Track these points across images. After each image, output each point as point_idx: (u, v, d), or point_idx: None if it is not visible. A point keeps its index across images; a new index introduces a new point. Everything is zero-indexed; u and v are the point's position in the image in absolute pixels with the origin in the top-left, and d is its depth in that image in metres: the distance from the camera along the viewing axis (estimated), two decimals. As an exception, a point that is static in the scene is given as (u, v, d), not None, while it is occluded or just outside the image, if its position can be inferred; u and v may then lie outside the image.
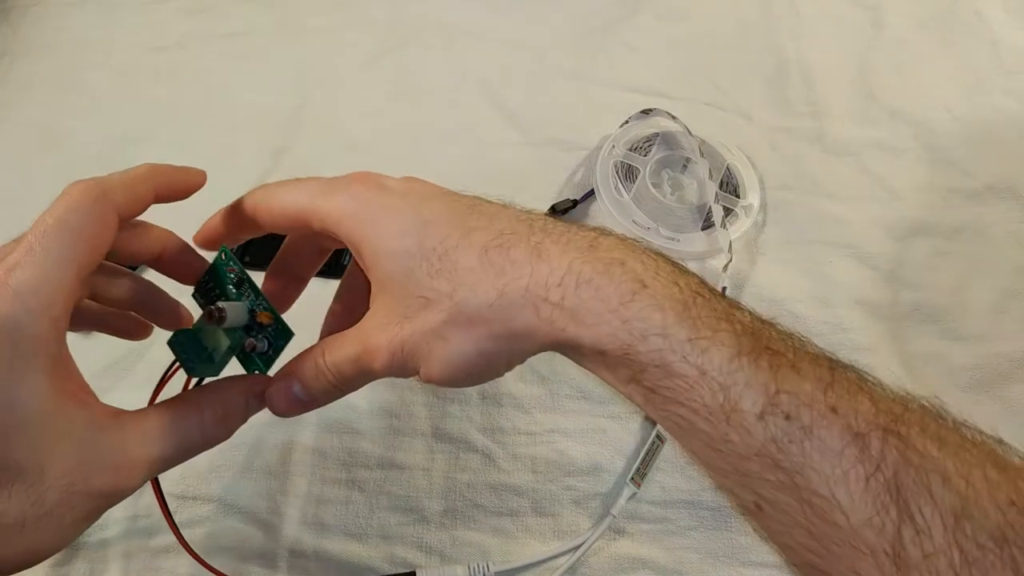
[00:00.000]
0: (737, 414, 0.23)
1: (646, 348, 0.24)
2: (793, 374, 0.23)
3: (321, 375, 0.28)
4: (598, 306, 0.25)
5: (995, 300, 0.50)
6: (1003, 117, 0.59)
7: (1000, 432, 0.46)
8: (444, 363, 0.26)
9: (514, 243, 0.26)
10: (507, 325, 0.25)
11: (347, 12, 0.66)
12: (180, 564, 0.41)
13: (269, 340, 0.29)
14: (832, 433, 0.22)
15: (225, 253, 0.31)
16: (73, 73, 0.61)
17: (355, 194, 0.28)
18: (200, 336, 0.29)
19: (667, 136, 0.57)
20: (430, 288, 0.26)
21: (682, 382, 0.24)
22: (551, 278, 0.25)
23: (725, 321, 0.25)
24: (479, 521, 0.42)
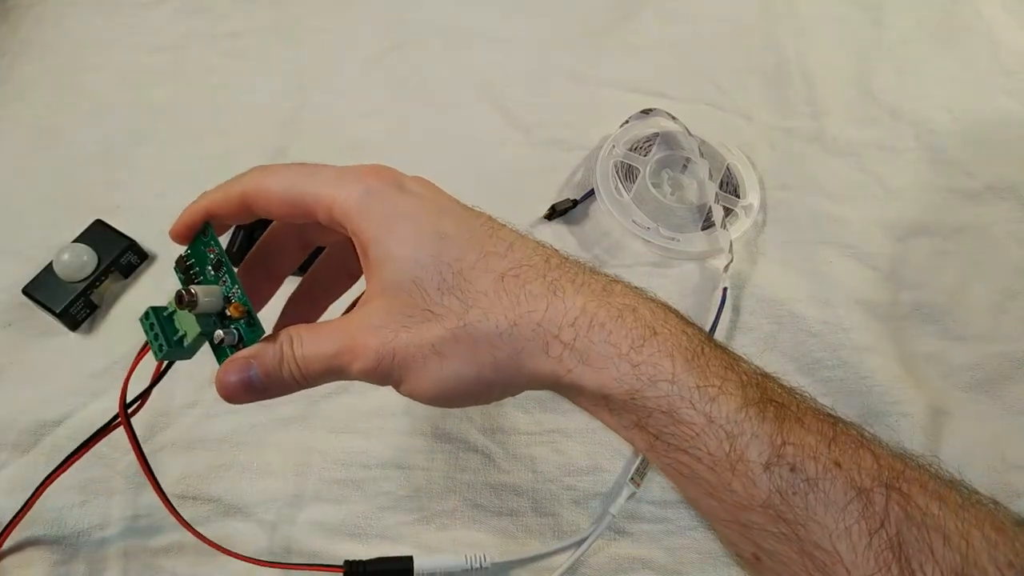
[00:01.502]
0: (743, 464, 0.23)
1: (654, 393, 0.24)
2: (798, 426, 0.24)
3: (286, 365, 0.26)
4: (608, 350, 0.25)
5: (995, 300, 0.50)
6: (1003, 117, 0.59)
7: (1001, 432, 0.46)
8: (436, 381, 0.25)
9: (531, 276, 0.26)
10: (514, 357, 0.25)
11: (347, 12, 0.66)
12: (180, 564, 0.41)
13: (240, 333, 0.28)
14: (836, 487, 0.22)
15: (207, 230, 0.29)
16: (73, 73, 0.61)
17: (371, 188, 0.27)
18: (174, 316, 0.28)
19: (667, 136, 0.57)
20: (439, 303, 0.25)
21: (688, 429, 0.24)
22: (565, 317, 0.25)
23: (732, 371, 0.25)
24: (479, 521, 0.42)
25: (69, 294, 0.47)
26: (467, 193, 0.29)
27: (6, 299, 0.49)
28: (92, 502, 0.42)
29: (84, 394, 0.45)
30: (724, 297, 0.48)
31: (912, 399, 0.45)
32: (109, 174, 0.55)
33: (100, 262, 0.48)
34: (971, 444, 0.44)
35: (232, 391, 0.27)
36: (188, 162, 0.56)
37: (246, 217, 0.29)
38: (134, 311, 0.49)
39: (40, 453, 0.43)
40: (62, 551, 0.41)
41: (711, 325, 0.47)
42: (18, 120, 0.59)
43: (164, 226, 0.52)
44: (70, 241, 0.49)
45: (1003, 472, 0.43)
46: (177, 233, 0.30)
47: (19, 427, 0.44)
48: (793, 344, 0.48)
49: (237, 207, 0.29)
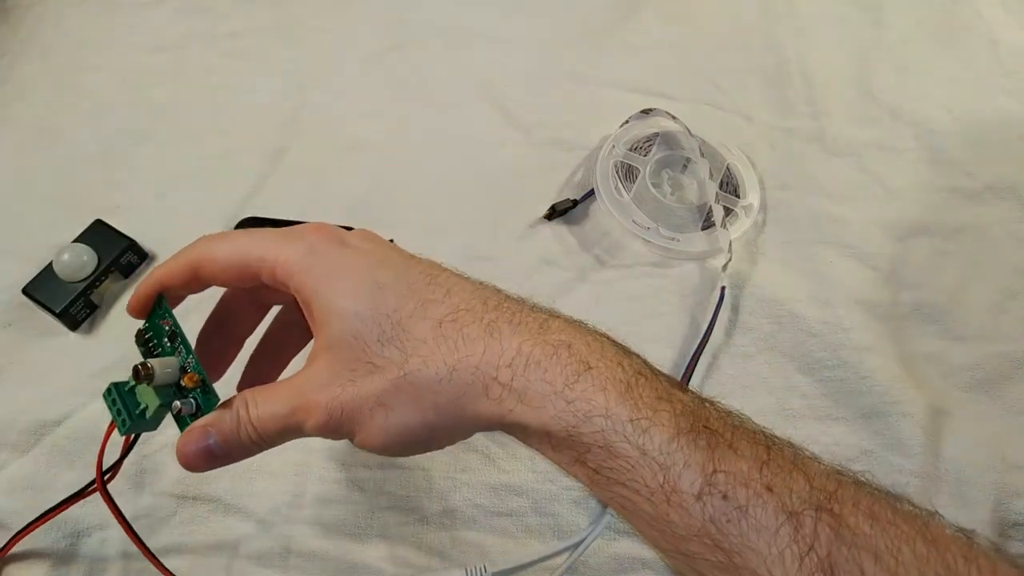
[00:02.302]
0: (677, 495, 0.23)
1: (589, 429, 0.24)
2: (731, 453, 0.24)
3: (243, 429, 0.27)
4: (544, 388, 0.25)
5: (995, 300, 0.50)
6: (1003, 117, 0.59)
7: (1001, 432, 0.46)
8: (384, 432, 0.26)
9: (468, 320, 0.26)
10: (455, 401, 0.26)
11: (347, 12, 0.66)
12: (180, 565, 0.41)
13: (197, 402, 0.29)
14: (767, 512, 0.23)
15: (161, 303, 0.30)
16: (73, 73, 0.61)
17: (312, 246, 0.28)
18: (135, 389, 0.29)
19: (667, 136, 0.57)
20: (379, 355, 0.26)
21: (624, 462, 0.24)
22: (502, 358, 0.26)
23: (666, 401, 0.25)
24: (479, 521, 0.42)
25: (69, 294, 0.47)
26: (467, 193, 0.29)
27: (6, 299, 0.49)
28: (92, 502, 0.42)
29: (84, 394, 0.45)
30: (722, 296, 0.48)
31: (912, 399, 0.45)
32: (109, 174, 0.55)
33: (100, 262, 0.48)
34: (971, 444, 0.44)
35: (193, 461, 0.27)
36: (188, 162, 0.56)
37: (196, 287, 0.30)
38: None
39: (40, 453, 0.44)
40: (62, 551, 0.41)
41: (708, 324, 0.47)
42: (18, 120, 0.59)
43: (164, 226, 0.53)
44: (70, 241, 0.49)
45: (1003, 472, 0.43)
46: (133, 309, 0.31)
47: (19, 427, 0.44)
48: (793, 344, 0.48)
49: (186, 277, 0.29)
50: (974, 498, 0.42)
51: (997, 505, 0.42)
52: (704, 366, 0.47)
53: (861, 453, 0.44)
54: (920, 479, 0.43)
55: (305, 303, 0.27)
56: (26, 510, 0.41)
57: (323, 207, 0.54)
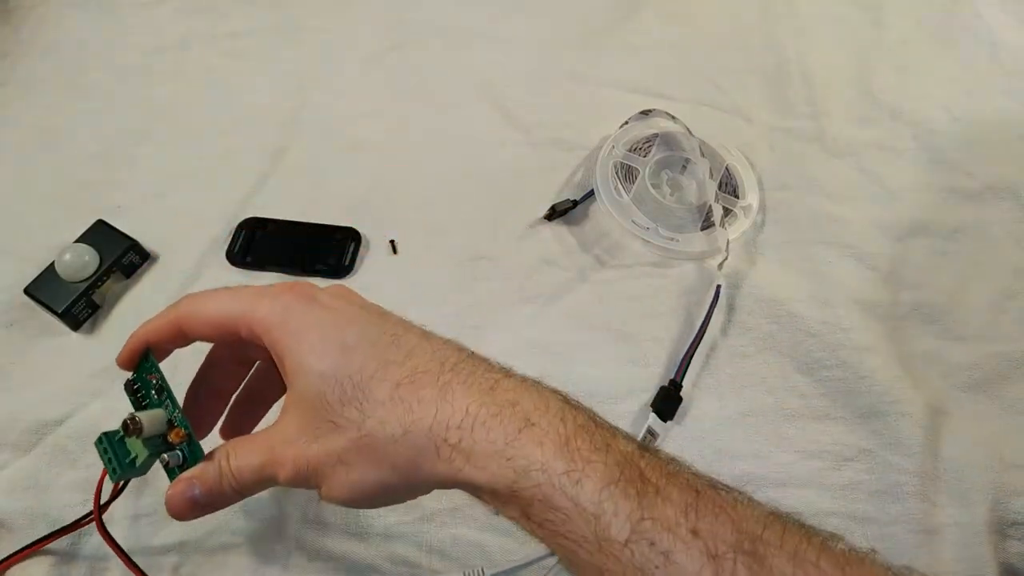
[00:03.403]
0: (607, 543, 0.24)
1: (528, 483, 0.26)
2: (659, 500, 0.25)
3: (224, 479, 0.29)
4: (488, 447, 0.26)
5: (994, 300, 0.50)
6: (1002, 117, 0.59)
7: (999, 432, 0.46)
8: (345, 488, 0.28)
9: (424, 383, 0.28)
10: (410, 461, 0.27)
11: (347, 12, 0.66)
12: (181, 563, 0.41)
13: (183, 455, 0.30)
14: (691, 556, 0.24)
15: (148, 357, 0.32)
16: (74, 74, 0.62)
17: (285, 304, 0.30)
18: (124, 439, 0.31)
19: (667, 137, 0.57)
20: (340, 415, 0.28)
21: (562, 514, 0.25)
22: (452, 419, 0.27)
23: (602, 452, 0.26)
24: (479, 520, 0.42)
25: (71, 294, 0.47)
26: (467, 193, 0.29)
27: (8, 299, 0.49)
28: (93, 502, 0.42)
29: (85, 394, 0.45)
30: (717, 294, 0.48)
31: (911, 399, 0.45)
32: (110, 174, 0.55)
33: (102, 262, 0.48)
34: (970, 444, 0.44)
35: (179, 511, 0.29)
36: (189, 162, 0.56)
37: (181, 342, 0.32)
38: (136, 311, 0.49)
39: (41, 453, 0.44)
40: (63, 551, 0.41)
41: (702, 322, 0.47)
42: (20, 120, 0.59)
43: (165, 226, 0.53)
44: (72, 241, 0.49)
45: (1001, 471, 0.43)
46: (122, 361, 0.32)
47: (20, 426, 0.44)
48: (792, 344, 0.48)
49: (172, 333, 0.31)
50: (972, 497, 0.42)
51: (995, 504, 0.42)
52: (703, 366, 0.47)
53: (860, 452, 0.44)
54: (919, 478, 0.43)
55: (278, 358, 0.29)
56: (27, 510, 0.41)
57: (323, 207, 0.54)
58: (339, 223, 0.53)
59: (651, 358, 0.48)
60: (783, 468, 0.44)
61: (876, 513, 0.42)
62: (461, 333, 0.31)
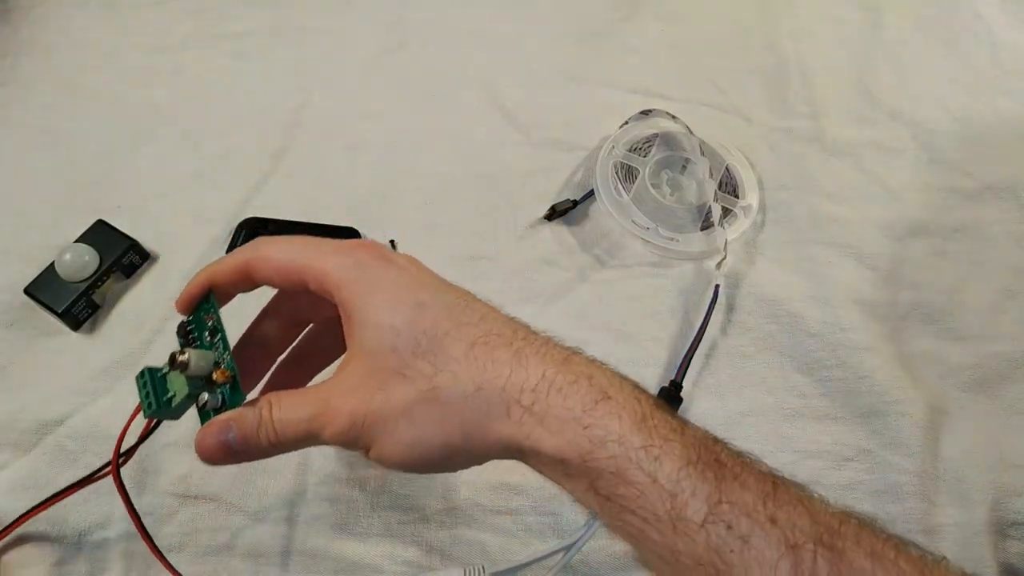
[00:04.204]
0: (682, 522, 0.24)
1: (603, 454, 0.25)
2: (737, 485, 0.25)
3: (263, 428, 0.28)
4: (563, 413, 0.26)
5: (994, 300, 0.50)
6: (1002, 117, 0.59)
7: (999, 432, 0.46)
8: (401, 445, 0.27)
9: (498, 344, 0.27)
10: (477, 421, 0.26)
11: (347, 13, 0.66)
12: (181, 564, 0.41)
13: (223, 397, 0.29)
14: (769, 543, 0.23)
15: (209, 299, 0.31)
16: (74, 74, 0.62)
17: (359, 260, 0.29)
18: (167, 376, 0.30)
19: (667, 137, 0.57)
20: (411, 366, 0.27)
21: (635, 490, 0.25)
22: (527, 382, 0.26)
23: (678, 434, 0.26)
24: (479, 520, 0.42)
25: (71, 294, 0.47)
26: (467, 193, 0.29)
27: (8, 299, 0.49)
28: (94, 501, 0.42)
29: (85, 394, 0.45)
30: (716, 294, 0.48)
31: (911, 399, 0.45)
32: (111, 174, 0.55)
33: (102, 262, 0.48)
34: (969, 444, 0.44)
35: (210, 452, 0.28)
36: (190, 162, 0.56)
37: (246, 286, 0.31)
38: (136, 311, 0.49)
39: (42, 453, 0.44)
40: (63, 550, 0.41)
41: (702, 322, 0.47)
42: (20, 120, 0.59)
43: (165, 226, 0.53)
44: (72, 241, 0.49)
45: (1001, 471, 0.43)
46: (182, 303, 0.32)
47: (20, 427, 0.44)
48: (792, 344, 0.48)
49: (239, 275, 0.30)
50: (972, 497, 0.42)
51: (995, 504, 0.42)
52: (703, 366, 0.47)
53: (860, 452, 0.44)
54: (918, 478, 0.43)
55: (345, 313, 0.28)
56: (27, 509, 0.41)
57: (324, 207, 0.54)
58: (339, 223, 0.53)
59: (651, 358, 0.48)
60: (783, 468, 0.43)
61: (876, 513, 0.42)
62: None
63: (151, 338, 0.48)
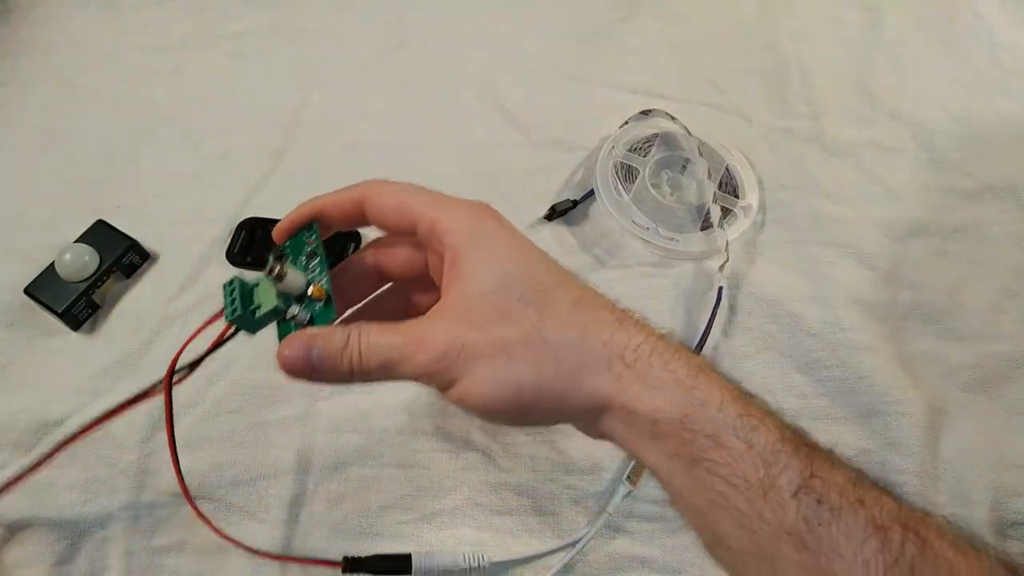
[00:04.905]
0: (774, 491, 0.24)
1: (703, 417, 0.26)
2: (827, 465, 0.25)
3: (348, 351, 0.27)
4: (666, 375, 0.26)
5: (993, 300, 0.50)
6: (1002, 117, 0.59)
7: (998, 432, 0.46)
8: (491, 384, 0.26)
9: (600, 306, 0.28)
10: (576, 370, 0.26)
11: (347, 13, 0.66)
12: (182, 563, 0.41)
13: (312, 315, 0.29)
14: (858, 521, 0.24)
15: (312, 227, 0.31)
16: (74, 74, 0.62)
17: (474, 212, 0.30)
18: (254, 289, 0.30)
19: (666, 137, 0.57)
20: (516, 310, 0.27)
21: (728, 454, 0.25)
22: (631, 342, 0.27)
23: (771, 413, 0.27)
24: (479, 520, 0.42)
25: (71, 294, 0.47)
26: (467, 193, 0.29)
27: (8, 299, 0.49)
28: (94, 501, 0.42)
29: (86, 394, 0.45)
30: (720, 296, 0.48)
31: (911, 399, 0.45)
32: (111, 174, 0.55)
33: (102, 262, 0.48)
34: (969, 444, 0.44)
35: (291, 362, 0.28)
36: (190, 162, 0.56)
37: (355, 221, 0.31)
38: (136, 311, 0.49)
39: (41, 453, 0.43)
40: (64, 550, 0.41)
41: (706, 324, 0.47)
42: (20, 120, 0.59)
43: (165, 226, 0.53)
44: (72, 241, 0.49)
45: (1001, 471, 0.43)
46: (282, 229, 0.32)
47: (21, 426, 0.44)
48: (792, 344, 0.48)
49: (351, 209, 0.31)
50: (972, 497, 0.42)
51: (995, 504, 0.42)
52: (703, 366, 0.47)
53: (860, 452, 0.44)
54: (918, 478, 0.43)
55: (452, 258, 0.28)
56: (27, 509, 0.41)
57: (324, 207, 0.54)
58: (339, 223, 0.53)
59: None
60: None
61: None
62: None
63: (151, 338, 0.48)
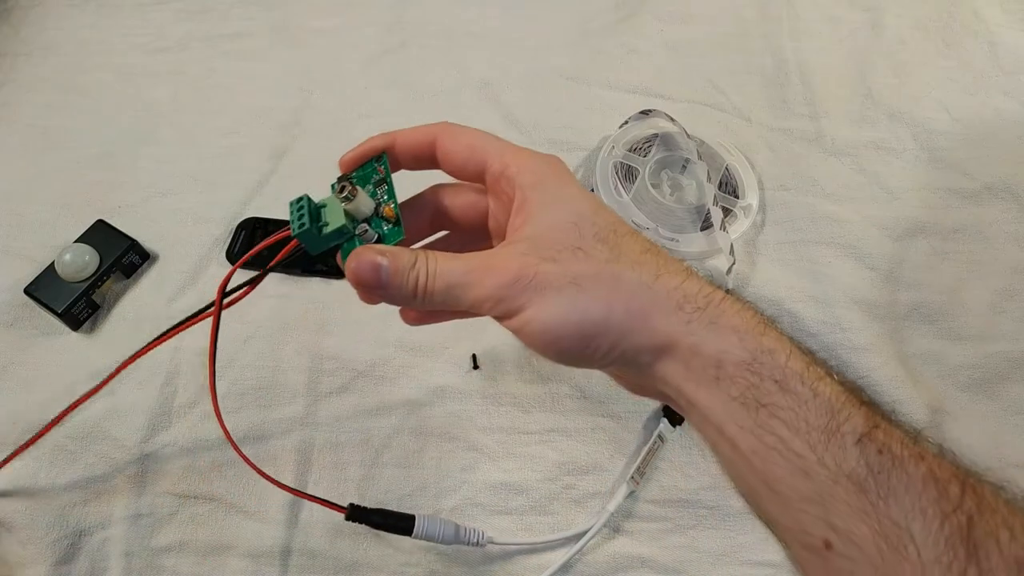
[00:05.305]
0: (838, 436, 0.25)
1: (771, 362, 0.26)
2: (886, 421, 0.26)
3: (416, 271, 0.27)
4: (736, 320, 0.26)
5: (993, 300, 0.50)
6: (1001, 118, 0.59)
7: (998, 431, 0.46)
8: (562, 313, 0.26)
9: (670, 258, 0.28)
10: (646, 308, 0.26)
11: (347, 13, 0.66)
12: (182, 562, 0.41)
13: (380, 235, 0.29)
14: (919, 471, 0.24)
15: (382, 157, 0.31)
16: (74, 74, 0.62)
17: (547, 160, 0.30)
18: (323, 208, 0.30)
19: (666, 137, 0.57)
20: (591, 246, 0.27)
21: (794, 399, 0.25)
22: (701, 290, 0.27)
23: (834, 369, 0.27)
24: (480, 519, 0.42)
25: (71, 294, 0.47)
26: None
27: (8, 299, 0.49)
28: (94, 501, 0.42)
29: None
30: (724, 298, 0.48)
31: (910, 398, 0.45)
32: (111, 174, 0.55)
33: (102, 262, 0.48)
34: (969, 443, 0.44)
35: (360, 272, 0.27)
36: (190, 162, 0.56)
37: (425, 160, 0.31)
38: (136, 311, 0.49)
39: (41, 453, 0.44)
40: (64, 550, 0.41)
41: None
42: (20, 120, 0.59)
43: (165, 226, 0.53)
44: (72, 241, 0.49)
45: (1001, 471, 0.43)
46: (353, 157, 0.31)
47: (21, 426, 0.44)
48: (792, 344, 0.48)
49: (423, 145, 0.31)
50: (972, 497, 0.42)
51: (995, 504, 0.42)
52: (703, 366, 0.47)
53: (860, 452, 0.44)
54: (918, 478, 0.43)
55: (523, 199, 0.29)
56: (27, 509, 0.41)
57: (324, 207, 0.54)
58: (339, 223, 0.53)
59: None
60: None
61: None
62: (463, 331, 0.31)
63: (151, 338, 0.48)
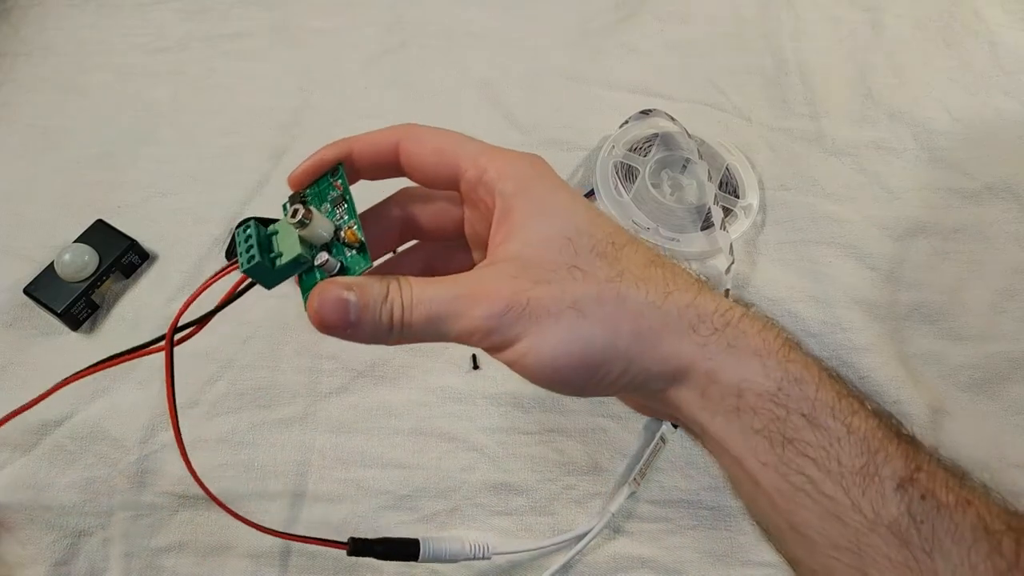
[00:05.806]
0: (876, 481, 0.22)
1: (799, 393, 0.22)
2: (932, 460, 0.23)
3: (389, 304, 0.23)
4: (758, 343, 0.23)
5: (993, 300, 0.50)
6: (1002, 117, 0.59)
7: (998, 431, 0.46)
8: (562, 343, 0.23)
9: (678, 269, 0.25)
10: (656, 331, 0.23)
11: (347, 13, 0.66)
12: (182, 563, 0.41)
13: (342, 264, 0.25)
14: (966, 520, 0.21)
15: (338, 171, 0.27)
16: (74, 74, 0.62)
17: (529, 162, 0.26)
18: (274, 236, 0.26)
19: (666, 137, 0.57)
20: (589, 263, 0.23)
21: (824, 437, 0.22)
22: (718, 307, 0.24)
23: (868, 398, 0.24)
24: (479, 520, 0.42)
25: (70, 294, 0.47)
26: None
27: (7, 299, 0.49)
28: (93, 501, 0.42)
29: (85, 394, 0.45)
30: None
31: (911, 399, 0.45)
32: (110, 174, 0.55)
33: (101, 262, 0.48)
34: (970, 443, 0.44)
35: (324, 312, 0.23)
36: (190, 162, 0.56)
37: (387, 168, 0.27)
38: (136, 311, 0.49)
39: (41, 453, 0.44)
40: (63, 550, 0.41)
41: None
42: (19, 120, 0.59)
43: (165, 226, 0.53)
44: (71, 241, 0.49)
45: (1001, 471, 0.43)
46: (304, 173, 0.27)
47: (21, 427, 0.44)
48: (792, 344, 0.48)
49: (384, 153, 0.27)
50: (972, 497, 0.42)
51: (995, 504, 0.42)
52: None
53: (860, 452, 0.44)
54: (919, 478, 0.43)
55: (506, 209, 0.25)
56: (27, 509, 0.41)
57: (323, 207, 0.54)
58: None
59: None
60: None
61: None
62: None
63: (150, 338, 0.48)
